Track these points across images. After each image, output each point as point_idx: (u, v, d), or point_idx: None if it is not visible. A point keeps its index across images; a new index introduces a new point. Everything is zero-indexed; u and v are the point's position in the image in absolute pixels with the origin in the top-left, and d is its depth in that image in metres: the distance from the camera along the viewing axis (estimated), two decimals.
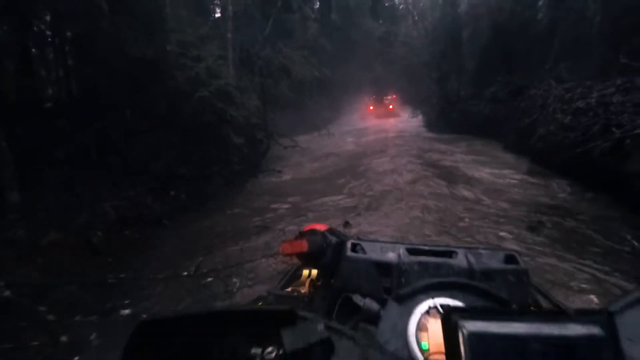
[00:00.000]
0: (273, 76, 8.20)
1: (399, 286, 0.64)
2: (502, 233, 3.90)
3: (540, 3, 11.89)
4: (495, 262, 0.68)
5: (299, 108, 9.76)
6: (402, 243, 0.74)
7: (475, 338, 0.37)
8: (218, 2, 8.50)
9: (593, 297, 2.65)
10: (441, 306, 0.55)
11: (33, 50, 6.20)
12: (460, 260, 0.68)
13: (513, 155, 8.00)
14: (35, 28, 5.98)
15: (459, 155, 8.24)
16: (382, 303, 0.61)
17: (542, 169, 6.63)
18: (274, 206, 5.63)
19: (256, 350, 0.43)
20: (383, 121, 16.49)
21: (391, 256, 0.70)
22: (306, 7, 9.49)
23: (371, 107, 17.15)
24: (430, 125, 13.32)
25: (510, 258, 0.69)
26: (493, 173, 6.53)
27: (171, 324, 0.46)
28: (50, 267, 3.41)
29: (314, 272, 0.84)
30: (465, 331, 0.37)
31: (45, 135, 5.46)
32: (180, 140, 5.96)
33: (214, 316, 0.48)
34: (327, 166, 8.27)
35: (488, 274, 0.66)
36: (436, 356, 0.49)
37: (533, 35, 10.96)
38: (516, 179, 6.21)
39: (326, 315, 0.67)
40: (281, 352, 0.42)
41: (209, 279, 3.18)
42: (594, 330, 0.37)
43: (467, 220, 4.37)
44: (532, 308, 0.68)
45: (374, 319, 0.59)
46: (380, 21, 23.62)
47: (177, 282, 3.17)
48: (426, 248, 0.73)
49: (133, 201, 5.03)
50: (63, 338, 2.50)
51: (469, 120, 10.66)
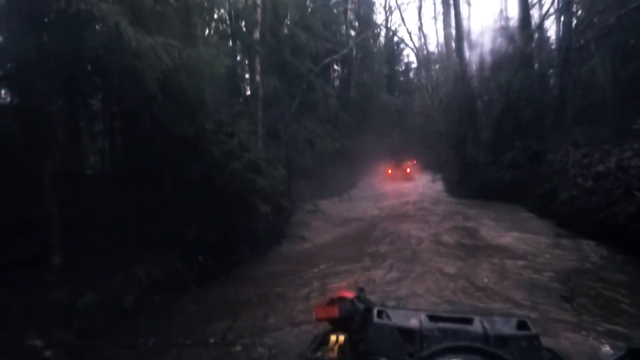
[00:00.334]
0: (298, 149, 8.86)
1: (421, 350, 0.70)
2: (533, 305, 3.78)
3: (550, 72, 12.65)
4: (508, 329, 0.74)
5: (321, 176, 10.25)
6: (424, 310, 0.81)
7: None
8: (249, 84, 9.63)
9: None
10: None
11: (82, 123, 7.04)
12: (476, 326, 0.74)
13: (537, 219, 7.89)
14: (87, 104, 6.84)
15: (483, 220, 8.19)
16: None
17: (568, 232, 6.50)
18: (297, 273, 5.69)
19: None
20: (401, 185, 17.10)
21: (414, 322, 0.76)
22: (327, 87, 10.54)
23: (389, 171, 18.56)
24: (450, 190, 13.44)
25: (522, 324, 0.75)
26: (520, 238, 6.43)
27: None
28: (85, 329, 3.57)
29: (342, 338, 0.88)
30: None
31: (89, 201, 6.02)
32: (210, 208, 6.37)
33: None
34: (349, 232, 8.39)
35: (502, 340, 0.71)
36: None
37: (545, 103, 11.48)
38: (544, 243, 6.08)
39: None
40: None
41: (237, 348, 3.23)
42: None
43: (496, 289, 4.29)
44: None
45: None
46: (396, 93, 25.32)
47: (204, 349, 3.23)
48: (445, 315, 0.80)
49: (164, 266, 5.27)
50: None
51: (490, 185, 10.76)
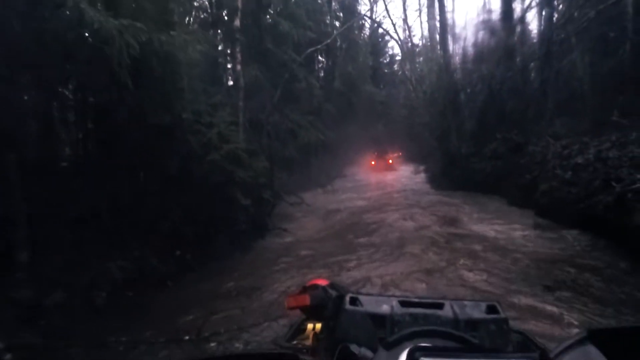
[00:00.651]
0: (280, 140, 8.68)
1: (392, 336, 0.69)
2: (515, 292, 3.79)
3: (531, 65, 12.79)
4: (477, 313, 0.75)
5: (305, 167, 10.12)
6: (396, 296, 0.81)
7: None
8: (231, 73, 9.34)
9: None
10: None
11: (55, 113, 6.69)
12: (446, 311, 0.76)
13: (518, 210, 8.00)
14: (60, 94, 6.51)
15: (465, 210, 8.27)
16: (375, 351, 0.67)
17: (549, 222, 6.60)
18: (279, 267, 5.59)
19: None
20: (384, 176, 17.63)
21: (385, 308, 0.77)
22: (311, 77, 10.35)
23: (373, 162, 19.92)
24: (433, 181, 13.53)
25: (491, 308, 0.76)
26: (501, 228, 6.49)
27: None
28: (52, 328, 3.37)
29: (318, 326, 0.88)
30: None
31: (59, 195, 5.72)
32: (188, 200, 6.16)
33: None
34: (333, 224, 8.31)
35: (472, 324, 0.73)
36: None
37: (527, 95, 11.62)
38: (525, 233, 6.16)
39: None
40: None
41: (212, 344, 3.10)
42: None
43: (479, 278, 4.29)
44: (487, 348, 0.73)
45: None
46: (381, 86, 25.30)
47: (178, 346, 3.09)
48: (417, 300, 0.80)
49: (139, 261, 5.06)
50: None
51: (472, 176, 10.86)
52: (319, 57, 17.99)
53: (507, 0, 13.34)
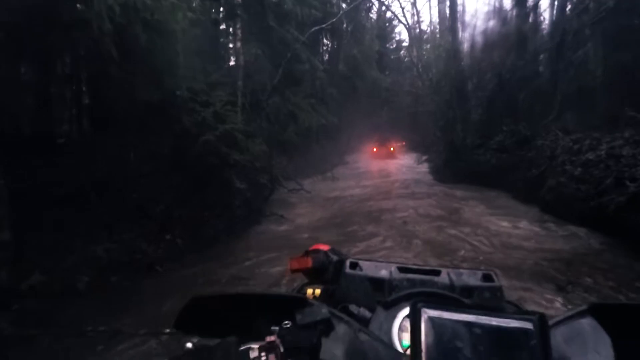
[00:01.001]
0: (280, 122, 8.34)
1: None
2: (527, 291, 3.57)
3: (541, 57, 12.32)
4: (473, 280, 0.76)
5: (306, 152, 9.82)
6: (395, 263, 0.83)
7: (432, 321, 0.46)
8: (232, 52, 8.92)
9: None
10: None
11: (52, 89, 6.39)
12: (443, 278, 0.77)
13: (522, 205, 7.75)
14: (56, 68, 6.21)
15: (469, 204, 8.02)
16: (373, 312, 0.69)
17: (556, 219, 6.36)
18: (272, 255, 5.38)
19: (274, 327, 0.52)
20: (386, 165, 17.53)
21: (384, 273, 0.79)
22: (315, 59, 9.91)
23: (375, 150, 20.42)
24: (436, 172, 13.24)
25: (487, 276, 0.77)
26: (507, 224, 6.25)
27: (215, 301, 0.60)
28: (25, 315, 3.16)
29: (317, 291, 0.88)
30: (425, 315, 0.46)
31: (46, 172, 5.46)
32: (181, 182, 5.91)
33: (247, 297, 0.61)
34: (332, 213, 8.07)
35: (467, 290, 0.74)
36: None
37: (536, 86, 11.21)
38: (532, 230, 5.92)
39: None
40: (294, 326, 0.52)
41: (195, 339, 2.89)
42: (527, 325, 0.45)
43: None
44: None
45: (365, 324, 0.65)
46: (386, 72, 24.68)
47: (158, 339, 2.88)
48: (414, 267, 0.82)
49: (127, 245, 4.85)
50: None
51: (476, 169, 10.56)
52: (324, 40, 17.43)
53: None
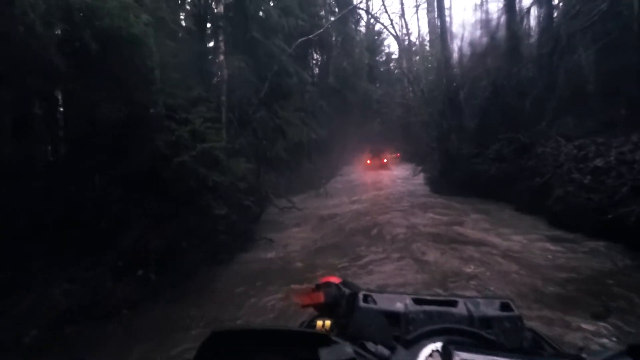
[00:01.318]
0: (269, 138, 7.84)
1: (407, 333, 0.71)
2: (559, 322, 3.01)
3: (529, 65, 12.10)
4: (491, 310, 0.75)
5: (297, 168, 9.30)
6: (409, 294, 0.81)
7: None
8: (216, 66, 8.46)
9: None
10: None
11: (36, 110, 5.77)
12: (460, 308, 0.75)
13: (527, 217, 7.26)
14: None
15: (471, 218, 7.51)
16: (392, 350, 0.65)
17: (568, 232, 5.86)
18: (258, 290, 4.78)
19: None
20: (381, 177, 17.27)
21: (399, 306, 0.77)
22: (304, 72, 9.51)
23: (369, 162, 20.43)
24: (432, 184, 12.78)
25: (505, 306, 0.76)
26: (517, 239, 5.73)
27: (235, 335, 0.59)
28: None
29: (328, 323, 0.86)
30: (458, 359, 0.48)
31: (12, 200, 4.83)
32: (156, 209, 5.31)
33: (269, 332, 0.60)
34: (326, 234, 7.48)
35: (486, 321, 0.72)
36: None
37: (531, 93, 10.91)
38: (545, 245, 5.41)
39: None
40: None
41: None
42: None
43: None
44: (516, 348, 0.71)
45: None
46: (377, 85, 24.53)
47: None
48: (430, 298, 0.80)
49: (90, 284, 4.22)
50: None
51: (474, 179, 10.10)
52: (314, 54, 17.20)
53: None
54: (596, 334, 2.83)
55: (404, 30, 23.31)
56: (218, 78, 7.66)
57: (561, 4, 12.24)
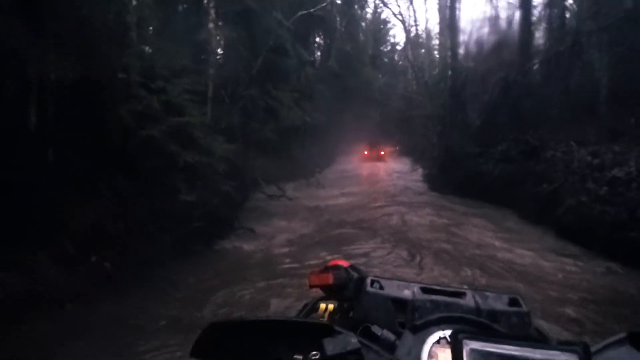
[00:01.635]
0: (258, 118, 7.16)
1: (413, 320, 0.68)
2: None
3: (536, 66, 11.43)
4: (500, 304, 0.71)
5: (286, 153, 8.66)
6: (417, 282, 0.79)
7: (475, 354, 0.46)
8: (206, 37, 7.68)
9: None
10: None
11: None
12: (468, 300, 0.72)
13: (533, 228, 6.71)
14: None
15: (472, 224, 6.95)
16: (397, 335, 0.64)
17: (579, 248, 5.34)
18: (235, 286, 4.21)
19: (298, 356, 0.51)
20: (377, 169, 16.97)
21: (407, 293, 0.75)
22: (303, 52, 8.76)
23: (366, 152, 20.20)
24: (431, 181, 12.19)
25: (513, 301, 0.72)
26: (527, 253, 5.18)
27: (234, 327, 0.57)
28: None
29: (331, 306, 0.86)
30: (467, 347, 0.46)
31: None
32: (122, 189, 4.66)
33: (269, 323, 0.58)
34: (315, 227, 6.90)
35: (493, 315, 0.69)
36: None
37: (543, 94, 10.29)
38: (555, 261, 4.87)
39: None
40: (322, 357, 0.50)
41: None
42: (572, 357, 0.44)
43: None
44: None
45: (390, 349, 0.62)
46: (380, 76, 23.69)
47: None
48: (438, 288, 0.77)
49: (28, 273, 3.59)
50: None
51: (476, 180, 9.53)
52: (316, 37, 16.32)
53: None
54: None
55: (413, 17, 22.32)
56: (206, 48, 6.91)
57: (576, 4, 11.58)
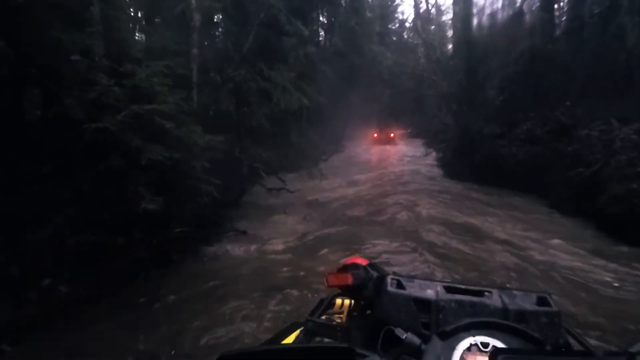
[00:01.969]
0: (251, 103, 6.35)
1: (437, 322, 0.67)
2: None
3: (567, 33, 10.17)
4: (528, 304, 0.69)
5: (287, 141, 7.85)
6: (440, 281, 0.77)
7: None
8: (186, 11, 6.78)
9: None
10: (482, 344, 0.58)
11: None
12: (495, 300, 0.70)
13: (569, 220, 5.81)
14: None
15: (497, 214, 6.10)
16: (422, 337, 0.62)
17: (628, 247, 4.45)
18: (215, 307, 3.51)
19: None
20: (387, 153, 16.26)
21: (429, 293, 0.72)
22: (301, 26, 7.80)
23: (375, 135, 19.62)
24: (446, 166, 11.22)
25: (542, 300, 0.70)
26: (564, 255, 4.31)
27: (246, 358, 0.52)
28: None
29: (347, 302, 0.85)
30: None
31: None
32: (88, 191, 3.95)
33: (285, 352, 0.56)
34: (320, 226, 6.14)
35: (522, 315, 0.67)
36: None
37: (572, 66, 9.12)
38: (600, 263, 4.02)
39: (366, 345, 0.69)
40: None
41: None
42: None
43: None
44: (563, 349, 0.68)
45: (416, 353, 0.60)
46: (388, 55, 22.37)
47: None
48: (463, 287, 0.75)
49: None
50: None
51: (498, 164, 8.56)
52: (319, 16, 15.16)
53: None
54: None
55: None
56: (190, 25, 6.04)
57: None
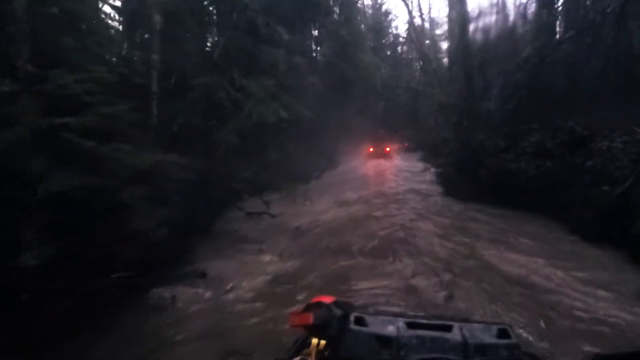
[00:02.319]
0: (219, 116, 5.46)
1: (398, 359, 0.68)
2: None
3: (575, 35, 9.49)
4: (488, 337, 0.72)
5: (261, 158, 6.98)
6: (403, 316, 0.79)
7: None
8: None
9: None
10: None
11: None
12: (455, 334, 0.72)
13: (596, 249, 4.85)
14: None
15: (511, 243, 5.13)
16: None
17: None
18: None
19: None
20: (383, 169, 15.19)
21: (391, 330, 0.74)
22: (281, 31, 7.01)
23: (371, 149, 19.07)
24: (446, 183, 10.27)
25: (503, 332, 0.73)
26: (591, 299, 3.36)
27: None
28: None
29: (323, 342, 0.84)
30: None
31: None
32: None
33: None
34: (299, 263, 5.15)
35: (482, 348, 0.69)
36: None
37: (582, 71, 8.37)
38: None
39: None
40: None
41: None
42: None
43: None
44: None
45: None
46: (383, 70, 21.84)
47: None
48: (424, 322, 0.77)
49: None
50: None
51: (505, 181, 7.64)
52: (313, 32, 14.57)
53: None
54: None
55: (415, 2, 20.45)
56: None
57: None
